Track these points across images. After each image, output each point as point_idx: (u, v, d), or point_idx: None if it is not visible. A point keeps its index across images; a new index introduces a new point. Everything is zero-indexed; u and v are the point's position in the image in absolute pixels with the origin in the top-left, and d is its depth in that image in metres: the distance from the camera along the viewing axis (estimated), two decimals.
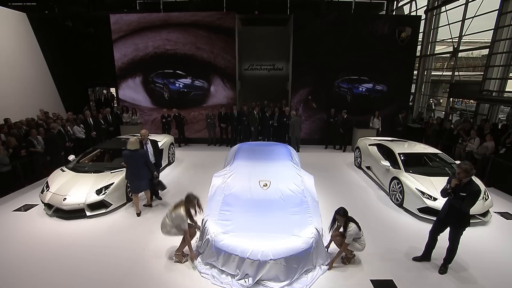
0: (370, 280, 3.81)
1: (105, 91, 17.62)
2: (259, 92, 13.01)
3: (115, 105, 13.92)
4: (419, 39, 11.95)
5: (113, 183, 5.62)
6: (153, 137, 8.21)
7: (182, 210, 3.84)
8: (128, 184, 5.70)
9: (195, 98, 11.16)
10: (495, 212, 5.75)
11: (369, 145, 7.81)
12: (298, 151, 9.41)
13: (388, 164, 6.42)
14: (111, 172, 5.91)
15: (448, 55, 13.32)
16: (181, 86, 11.13)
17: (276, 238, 3.74)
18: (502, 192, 6.92)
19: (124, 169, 5.56)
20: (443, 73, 15.04)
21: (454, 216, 3.78)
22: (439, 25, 13.75)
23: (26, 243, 4.61)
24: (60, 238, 4.76)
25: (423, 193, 5.37)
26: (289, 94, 11.33)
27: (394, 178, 6.08)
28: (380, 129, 10.48)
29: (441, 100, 21.51)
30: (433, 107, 17.45)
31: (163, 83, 11.09)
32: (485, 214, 5.26)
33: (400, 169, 6.13)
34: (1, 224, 5.22)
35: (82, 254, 4.31)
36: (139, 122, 10.78)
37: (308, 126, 11.24)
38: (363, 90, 10.96)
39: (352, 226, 3.79)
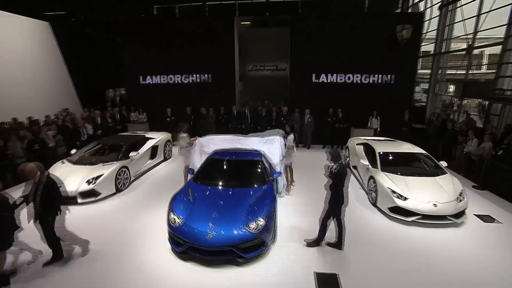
0: (315, 272, 3.95)
1: (119, 92, 18.70)
2: (263, 92, 13.26)
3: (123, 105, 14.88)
4: (423, 36, 11.53)
5: (102, 174, 6.21)
6: (150, 135, 8.88)
7: (182, 133, 6.51)
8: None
9: (196, 97, 11.65)
10: (474, 215, 5.55)
11: (356, 144, 7.78)
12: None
13: (367, 163, 6.40)
14: (103, 165, 6.51)
15: (463, 52, 12.65)
16: (184, 84, 11.70)
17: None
18: (494, 195, 6.61)
19: (116, 161, 6.13)
20: (457, 72, 14.26)
21: (335, 198, 4.31)
22: (454, 21, 13.11)
23: (28, 225, 5.26)
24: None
25: (394, 192, 5.33)
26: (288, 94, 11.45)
27: (371, 177, 6.06)
28: (378, 129, 10.27)
29: (467, 101, 20.16)
30: (455, 108, 16.05)
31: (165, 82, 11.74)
32: (458, 215, 5.10)
33: (377, 168, 6.09)
34: None
35: (72, 235, 4.90)
36: (145, 121, 11.49)
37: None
38: (363, 89, 10.78)
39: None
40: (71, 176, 6.13)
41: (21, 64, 10.74)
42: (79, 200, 5.96)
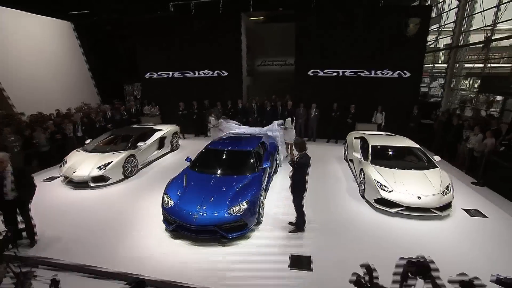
0: (290, 253, 4.27)
1: (138, 86, 19.61)
2: (271, 87, 13.49)
3: (138, 98, 15.67)
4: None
5: (112, 162, 6.84)
6: (159, 127, 9.47)
7: (211, 116, 9.03)
8: None
9: (204, 92, 12.12)
10: (462, 209, 5.58)
11: (354, 138, 7.89)
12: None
13: (359, 156, 6.56)
14: (113, 153, 7.15)
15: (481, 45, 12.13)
16: (193, 79, 12.20)
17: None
18: (493, 192, 6.52)
19: (124, 150, 6.73)
20: (474, 66, 13.67)
21: (296, 185, 4.63)
22: (473, 13, 12.57)
23: (47, 203, 6.00)
24: (71, 201, 6.14)
25: (380, 183, 5.49)
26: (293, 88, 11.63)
27: (362, 169, 6.22)
28: (383, 124, 10.23)
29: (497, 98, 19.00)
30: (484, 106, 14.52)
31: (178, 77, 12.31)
32: (443, 209, 5.18)
33: (368, 161, 6.24)
34: None
35: (84, 213, 5.59)
36: (157, 114, 12.15)
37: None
38: (369, 84, 10.72)
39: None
40: (84, 163, 6.82)
41: (47, 63, 11.77)
42: (91, 184, 6.63)
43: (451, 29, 14.21)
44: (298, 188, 4.64)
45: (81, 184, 6.65)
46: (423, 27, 10.04)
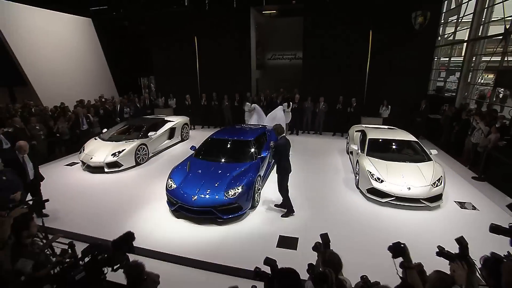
0: (280, 235, 4.64)
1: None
2: (281, 80, 13.71)
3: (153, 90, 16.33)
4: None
5: (124, 149, 7.44)
6: (170, 118, 10.02)
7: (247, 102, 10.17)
8: None
9: (213, 85, 12.53)
10: (454, 201, 5.70)
11: (355, 131, 8.06)
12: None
13: (356, 148, 6.76)
14: (126, 142, 7.76)
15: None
16: (203, 73, 12.65)
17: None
18: (492, 187, 6.54)
19: (136, 139, 7.34)
20: (491, 59, 13.16)
21: (278, 166, 5.11)
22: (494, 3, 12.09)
23: (68, 185, 6.73)
24: (88, 184, 6.82)
25: (372, 174, 5.71)
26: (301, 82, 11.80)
27: (358, 161, 6.43)
28: (388, 118, 10.24)
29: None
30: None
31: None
32: (432, 200, 5.34)
33: (363, 152, 6.44)
34: (56, 173, 7.53)
35: (99, 194, 6.23)
36: (174, 107, 12.69)
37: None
38: (377, 78, 10.72)
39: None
40: (100, 150, 7.47)
41: (69, 58, 12.64)
42: (106, 170, 7.27)
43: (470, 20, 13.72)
44: (279, 169, 5.07)
45: (97, 169, 7.31)
46: (433, 21, 9.88)
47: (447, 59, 16.25)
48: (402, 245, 2.07)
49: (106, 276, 2.06)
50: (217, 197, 4.86)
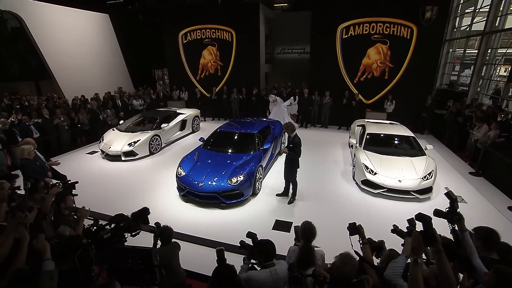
0: (276, 219, 5.15)
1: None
2: (289, 74, 14.01)
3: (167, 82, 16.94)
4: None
5: (139, 140, 8.10)
6: (181, 110, 10.61)
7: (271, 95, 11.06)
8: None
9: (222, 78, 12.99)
10: (445, 194, 5.97)
11: (357, 125, 8.37)
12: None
13: (354, 141, 7.11)
14: (141, 133, 8.42)
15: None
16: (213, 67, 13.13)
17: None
18: (488, 183, 6.77)
19: (150, 130, 8.04)
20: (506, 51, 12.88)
21: (288, 162, 5.52)
22: None
23: (89, 172, 7.46)
24: (106, 171, 7.55)
25: (366, 167, 6.08)
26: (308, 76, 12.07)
27: (355, 154, 6.80)
28: (393, 113, 10.42)
29: None
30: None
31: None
32: (422, 192, 5.68)
33: (361, 146, 6.79)
34: (78, 161, 8.33)
35: (117, 180, 6.92)
36: (185, 99, 13.28)
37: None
38: (383, 73, 10.86)
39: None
40: (117, 140, 8.16)
41: (88, 53, 13.42)
42: (123, 158, 7.98)
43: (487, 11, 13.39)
44: (293, 164, 5.50)
45: (115, 158, 8.02)
46: (441, 16, 9.87)
47: (462, 52, 15.95)
48: (358, 225, 2.52)
49: (127, 239, 2.63)
50: (222, 184, 5.40)
